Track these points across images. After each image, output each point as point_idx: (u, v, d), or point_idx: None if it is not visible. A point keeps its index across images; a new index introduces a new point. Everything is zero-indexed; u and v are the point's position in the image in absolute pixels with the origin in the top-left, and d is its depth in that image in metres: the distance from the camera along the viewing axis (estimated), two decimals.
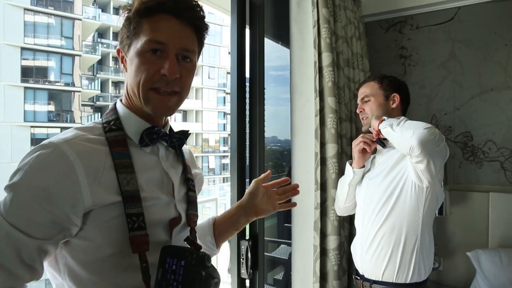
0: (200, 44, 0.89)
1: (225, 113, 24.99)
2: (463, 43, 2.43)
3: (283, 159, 3.00)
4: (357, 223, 1.66)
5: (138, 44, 0.79)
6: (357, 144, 1.64)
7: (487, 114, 2.38)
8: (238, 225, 1.09)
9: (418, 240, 1.46)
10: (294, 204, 1.18)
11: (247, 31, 1.84)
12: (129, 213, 0.75)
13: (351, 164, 1.70)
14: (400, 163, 1.51)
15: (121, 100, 0.88)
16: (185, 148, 0.98)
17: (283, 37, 2.21)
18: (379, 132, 1.54)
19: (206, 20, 0.87)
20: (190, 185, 0.93)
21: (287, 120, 2.78)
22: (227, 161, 24.52)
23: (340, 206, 1.78)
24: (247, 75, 1.82)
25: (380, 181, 1.55)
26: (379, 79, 1.71)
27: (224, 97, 25.18)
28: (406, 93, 1.72)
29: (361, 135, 1.65)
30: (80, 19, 17.76)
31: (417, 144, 1.32)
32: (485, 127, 2.38)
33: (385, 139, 1.59)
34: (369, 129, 1.65)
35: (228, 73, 24.76)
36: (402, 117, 1.51)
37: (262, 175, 1.11)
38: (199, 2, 0.85)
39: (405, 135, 1.37)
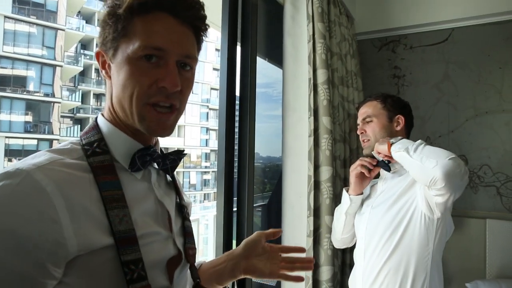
0: (198, 48, 0.76)
1: (207, 129, 24.79)
2: (457, 64, 2.38)
3: (265, 176, 2.94)
4: (357, 255, 1.50)
5: (128, 48, 0.65)
6: (354, 168, 1.51)
7: (482, 137, 2.31)
8: (221, 278, 0.90)
9: (427, 278, 1.32)
10: (301, 279, 0.94)
11: (238, 47, 1.71)
12: (125, 260, 0.60)
13: (347, 191, 1.56)
14: (409, 192, 1.38)
15: (102, 115, 0.72)
16: None
17: (272, 53, 2.10)
18: (390, 157, 1.40)
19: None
20: (185, 213, 0.79)
21: (270, 137, 2.66)
22: (208, 177, 24.18)
23: (337, 238, 1.64)
24: (237, 92, 1.69)
25: (385, 211, 1.41)
26: (382, 98, 1.58)
27: (207, 113, 25.01)
28: (410, 115, 1.61)
29: (360, 158, 1.53)
30: (63, 30, 17.43)
31: (442, 176, 1.16)
32: (480, 151, 2.31)
33: (389, 161, 1.47)
34: (373, 153, 1.52)
35: (212, 88, 24.75)
36: (419, 140, 1.36)
37: (270, 230, 0.91)
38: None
39: (426, 164, 1.21)
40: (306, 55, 1.77)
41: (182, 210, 0.79)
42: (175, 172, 0.82)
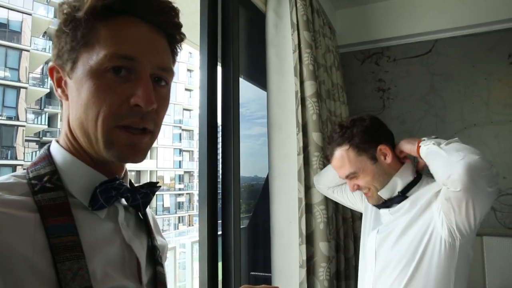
0: (173, 61, 0.63)
1: (181, 150, 24.39)
2: (442, 76, 2.31)
3: (241, 196, 2.77)
4: (365, 286, 1.30)
5: (91, 59, 0.53)
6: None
7: None
8: None
9: None
10: None
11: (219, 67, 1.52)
12: None
13: None
14: (424, 215, 1.18)
15: (58, 142, 0.60)
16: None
17: (248, 70, 1.96)
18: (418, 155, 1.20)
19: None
20: (157, 257, 0.65)
21: (245, 157, 2.50)
22: (182, 199, 23.63)
23: (319, 181, 1.55)
24: (219, 114, 1.50)
25: (395, 239, 1.21)
26: (349, 140, 1.26)
27: (180, 134, 24.66)
28: (386, 131, 1.32)
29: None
30: (28, 50, 16.84)
31: (464, 171, 0.95)
32: None
33: (387, 201, 1.27)
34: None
35: (184, 109, 24.49)
36: (456, 138, 1.14)
37: (263, 286, 0.70)
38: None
39: (452, 158, 1.00)
40: (291, 66, 1.63)
41: (154, 253, 0.65)
42: (154, 215, 0.69)
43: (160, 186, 0.65)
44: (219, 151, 1.45)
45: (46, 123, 19.59)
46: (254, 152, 2.54)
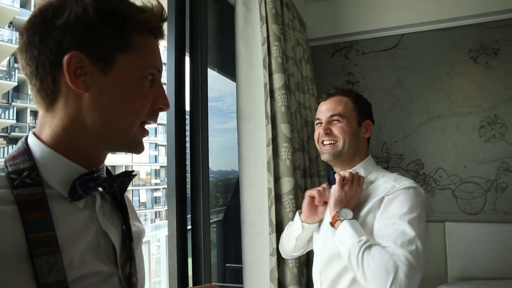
0: None
1: (156, 144, 24.04)
2: (409, 69, 2.39)
3: (217, 190, 2.86)
4: (314, 276, 1.30)
5: (132, 65, 0.60)
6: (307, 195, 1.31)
7: (435, 141, 2.33)
8: None
9: None
10: None
11: (187, 57, 1.53)
12: None
13: (300, 214, 1.33)
14: (367, 216, 1.17)
15: (35, 134, 0.60)
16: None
17: (222, 63, 1.97)
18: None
19: None
20: (130, 236, 0.68)
21: (221, 151, 2.52)
22: (159, 194, 23.35)
23: (285, 253, 1.46)
24: (187, 105, 1.51)
25: None
26: (353, 96, 1.31)
27: (156, 128, 24.29)
28: (373, 119, 1.40)
29: (320, 187, 1.29)
30: None
31: None
32: (434, 155, 2.32)
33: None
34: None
35: None
36: (363, 239, 1.07)
37: None
38: None
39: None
40: (260, 59, 1.65)
41: (129, 233, 0.67)
42: (130, 200, 0.73)
43: (136, 175, 0.68)
44: (188, 144, 1.47)
45: (15, 118, 18.89)
46: (231, 146, 2.56)
